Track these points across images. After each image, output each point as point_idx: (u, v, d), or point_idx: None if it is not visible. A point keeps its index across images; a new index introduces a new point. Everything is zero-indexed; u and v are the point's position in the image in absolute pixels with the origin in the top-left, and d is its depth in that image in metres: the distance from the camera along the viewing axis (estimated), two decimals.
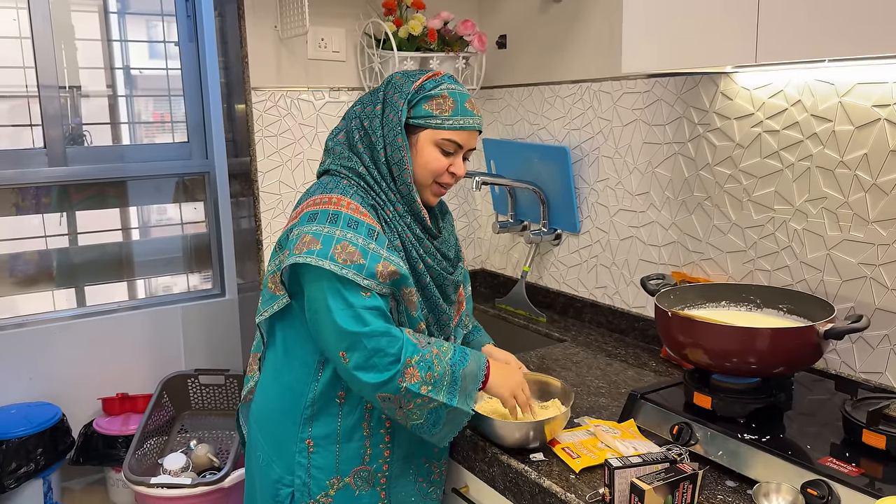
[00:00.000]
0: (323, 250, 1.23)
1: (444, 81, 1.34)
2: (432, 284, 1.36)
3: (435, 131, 1.32)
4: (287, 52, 2.11)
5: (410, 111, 1.32)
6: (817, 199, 1.52)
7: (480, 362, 1.32)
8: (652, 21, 1.42)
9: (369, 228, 1.26)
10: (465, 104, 1.33)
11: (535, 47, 2.21)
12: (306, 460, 1.35)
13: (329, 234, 1.24)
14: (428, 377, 1.24)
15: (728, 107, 1.67)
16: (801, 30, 1.18)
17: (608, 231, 2.03)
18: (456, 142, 1.33)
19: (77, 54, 3.06)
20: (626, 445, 1.31)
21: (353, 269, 1.22)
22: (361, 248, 1.23)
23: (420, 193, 1.36)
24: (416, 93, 1.32)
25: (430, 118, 1.31)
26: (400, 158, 1.31)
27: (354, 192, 1.30)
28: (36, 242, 2.98)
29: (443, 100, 1.32)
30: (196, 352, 3.12)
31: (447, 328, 1.42)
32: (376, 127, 1.32)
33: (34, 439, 2.58)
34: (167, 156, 3.14)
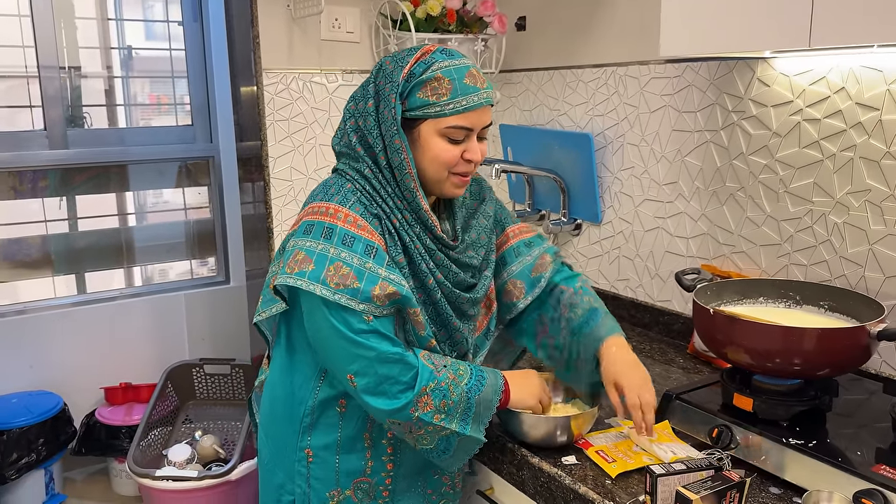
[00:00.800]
0: (315, 272, 1.12)
1: (434, 60, 1.16)
2: (444, 301, 1.24)
3: (436, 120, 1.16)
4: (300, 32, 2.03)
5: (405, 103, 1.16)
6: (860, 192, 1.45)
7: (497, 385, 1.23)
8: (695, 1, 1.35)
9: (367, 245, 1.14)
10: (463, 80, 1.15)
11: (557, 30, 2.13)
12: (305, 470, 1.28)
13: (323, 252, 1.14)
14: (442, 405, 1.16)
15: (765, 93, 1.60)
16: (861, 12, 1.10)
17: (632, 222, 1.96)
18: (463, 126, 1.16)
19: (77, 34, 2.97)
20: (663, 449, 1.25)
21: (346, 293, 1.12)
22: (357, 268, 1.12)
23: (440, 189, 1.22)
24: (406, 82, 1.16)
25: (428, 107, 1.15)
26: (400, 161, 1.17)
27: (357, 200, 1.18)
28: (35, 227, 2.91)
29: (437, 82, 1.14)
30: (200, 340, 3.05)
31: (462, 346, 1.30)
32: (371, 126, 1.18)
33: (35, 429, 2.52)
34: (170, 139, 3.06)
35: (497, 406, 1.23)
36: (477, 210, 1.34)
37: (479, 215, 1.33)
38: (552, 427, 1.28)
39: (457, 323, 1.27)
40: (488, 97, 1.18)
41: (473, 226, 1.31)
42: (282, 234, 2.11)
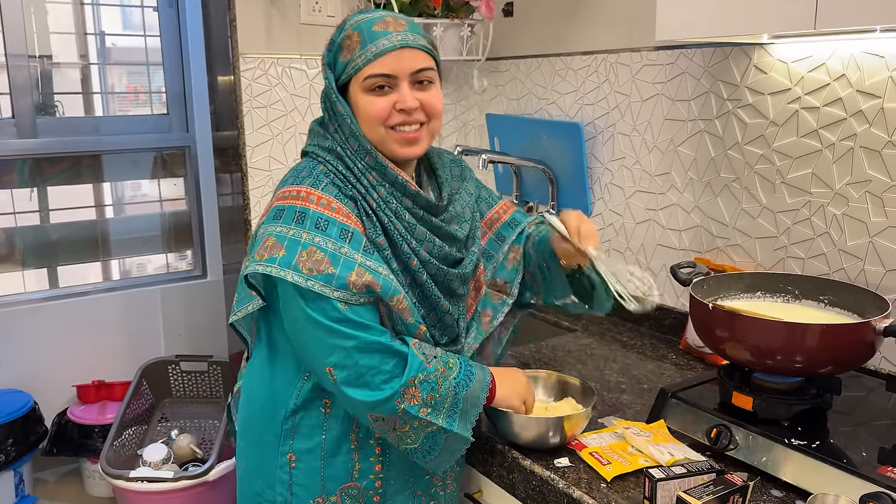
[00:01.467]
0: (286, 258, 1.07)
1: (347, 21, 1.16)
2: (430, 282, 1.18)
3: (356, 77, 1.12)
4: (278, 15, 1.95)
5: (335, 72, 1.15)
6: (861, 182, 1.41)
7: (485, 381, 1.18)
8: None
9: (342, 228, 1.09)
10: (372, 28, 1.11)
11: (545, 16, 2.07)
12: (288, 476, 1.20)
13: (294, 236, 1.08)
14: (429, 399, 1.10)
15: (761, 81, 1.55)
16: None
17: (623, 214, 1.91)
18: (380, 73, 1.11)
19: (48, 20, 2.86)
20: (660, 450, 1.20)
21: (319, 279, 1.06)
22: (331, 253, 1.07)
23: (388, 152, 1.16)
24: (328, 52, 1.17)
25: (347, 66, 1.13)
26: (349, 128, 1.14)
27: (330, 182, 1.13)
28: (4, 219, 2.80)
29: (349, 39, 1.12)
30: (176, 336, 2.97)
31: (452, 329, 1.24)
32: (327, 106, 1.18)
33: (4, 429, 2.44)
34: (145, 128, 2.97)
35: (486, 401, 1.18)
36: (460, 187, 1.29)
37: (462, 191, 1.29)
38: (544, 428, 1.22)
39: (446, 305, 1.21)
40: (404, 40, 1.12)
41: (457, 199, 1.26)
42: None
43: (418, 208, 1.17)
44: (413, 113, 1.14)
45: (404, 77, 1.13)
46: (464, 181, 1.30)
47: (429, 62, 1.15)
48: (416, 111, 1.14)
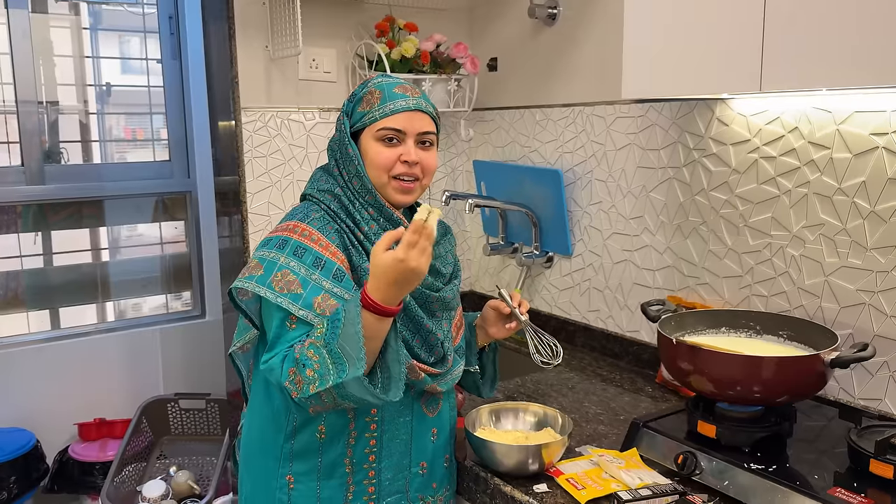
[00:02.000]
0: (263, 276, 1.22)
1: (372, 80, 1.33)
2: (413, 303, 1.29)
3: (371, 127, 1.29)
4: (278, 72, 2.08)
5: (351, 120, 1.32)
6: (815, 226, 1.53)
7: (353, 316, 1.12)
8: (653, 47, 1.43)
9: (316, 257, 1.23)
10: (393, 90, 1.30)
11: (527, 70, 2.21)
12: (287, 497, 1.30)
13: (273, 259, 1.23)
14: (310, 374, 1.13)
15: (724, 132, 1.68)
16: (807, 58, 1.18)
17: (601, 254, 2.02)
18: (393, 128, 1.28)
19: (55, 70, 3.00)
20: (630, 476, 1.29)
21: (288, 297, 1.20)
22: (302, 278, 1.21)
23: (385, 196, 1.31)
24: (349, 102, 1.34)
25: (364, 116, 1.30)
26: (355, 169, 1.30)
27: (319, 217, 1.28)
28: (9, 263, 2.90)
29: (371, 95, 1.31)
30: (175, 375, 3.04)
31: (437, 349, 1.33)
32: (336, 150, 1.33)
33: (7, 467, 2.49)
34: (147, 174, 3.08)
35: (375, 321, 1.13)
36: (443, 237, 1.44)
37: (445, 241, 1.44)
38: (524, 455, 1.31)
39: (429, 325, 1.31)
40: (417, 103, 1.30)
41: (442, 244, 1.41)
42: None
43: None
44: (413, 167, 1.30)
45: (412, 135, 1.30)
46: (445, 236, 1.45)
47: (433, 127, 1.34)
48: (416, 166, 1.30)
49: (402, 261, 1.10)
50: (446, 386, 1.35)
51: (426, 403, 1.35)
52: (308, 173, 2.17)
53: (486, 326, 1.48)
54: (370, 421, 1.28)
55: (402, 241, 1.11)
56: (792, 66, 1.20)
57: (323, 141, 2.19)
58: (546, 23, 2.10)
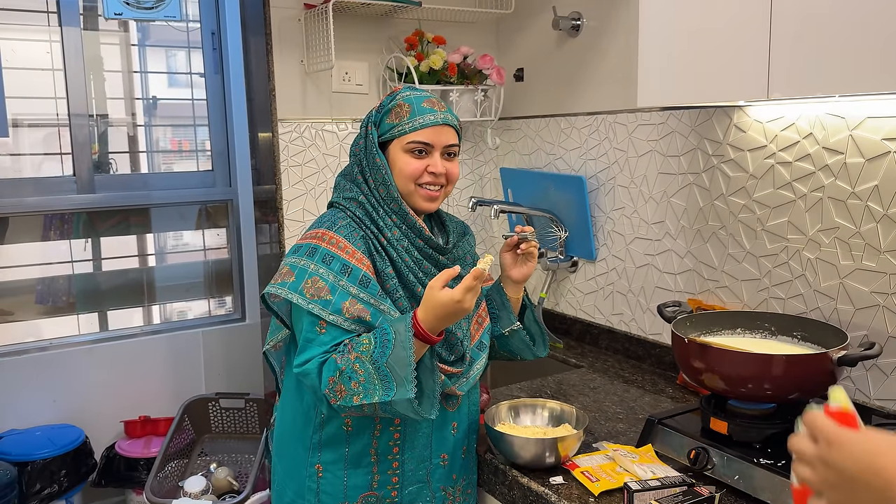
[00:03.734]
0: (294, 283, 1.29)
1: (400, 92, 1.40)
2: None
3: (400, 138, 1.36)
4: (312, 85, 2.19)
5: (378, 130, 1.38)
6: (830, 229, 1.56)
7: (405, 335, 1.22)
8: (667, 57, 1.48)
9: (343, 264, 1.30)
10: (422, 104, 1.37)
11: (552, 80, 2.28)
12: (315, 485, 1.38)
13: (304, 266, 1.30)
14: (354, 386, 1.22)
15: (741, 139, 1.72)
16: (812, 66, 1.23)
17: (624, 259, 2.07)
18: (422, 141, 1.35)
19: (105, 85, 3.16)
20: (644, 470, 1.34)
21: (319, 303, 1.27)
22: (331, 284, 1.28)
23: (411, 203, 1.39)
24: (377, 112, 1.40)
25: (393, 128, 1.36)
26: (383, 178, 1.36)
27: (346, 225, 1.35)
28: (62, 268, 3.05)
29: (399, 108, 1.37)
30: (216, 376, 3.16)
31: (457, 348, 1.40)
32: (362, 158, 1.39)
33: (58, 461, 2.61)
34: (191, 183, 3.22)
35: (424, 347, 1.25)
36: (462, 240, 1.52)
37: (464, 243, 1.51)
38: (541, 448, 1.37)
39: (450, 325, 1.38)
40: (444, 118, 1.37)
41: (460, 246, 1.49)
42: None
43: (428, 248, 1.39)
44: (440, 177, 1.38)
45: (439, 148, 1.38)
46: (465, 236, 1.52)
47: (457, 139, 1.42)
48: (441, 176, 1.38)
49: (459, 302, 1.22)
50: (465, 388, 1.41)
51: (446, 400, 1.42)
52: None
53: (508, 272, 1.51)
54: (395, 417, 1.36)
55: (462, 284, 1.22)
56: (797, 74, 1.25)
57: None
58: (570, 34, 2.16)
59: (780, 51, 1.27)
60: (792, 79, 1.26)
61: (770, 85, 1.29)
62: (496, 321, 1.54)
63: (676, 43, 1.46)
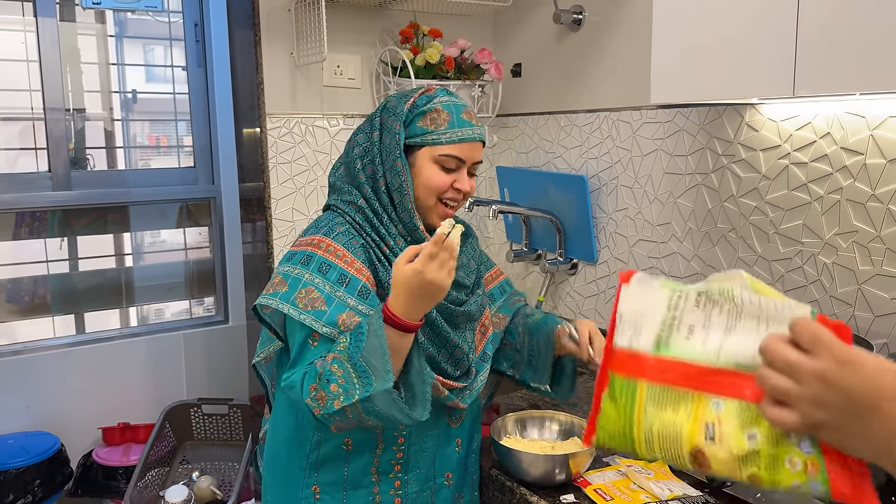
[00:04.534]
0: (287, 293, 1.19)
1: (437, 95, 1.28)
2: (439, 318, 1.27)
3: (432, 147, 1.25)
4: (302, 78, 2.09)
5: (406, 131, 1.26)
6: (848, 233, 1.50)
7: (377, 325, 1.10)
8: (683, 51, 1.41)
9: (341, 273, 1.20)
10: (461, 115, 1.26)
11: (551, 76, 2.20)
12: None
13: (297, 276, 1.21)
14: (334, 389, 1.11)
15: (753, 138, 1.65)
16: (842, 62, 1.16)
17: (627, 261, 2.00)
18: (456, 156, 1.26)
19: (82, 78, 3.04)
20: (660, 487, 1.27)
21: (311, 314, 1.17)
22: (327, 295, 1.18)
23: (425, 216, 1.29)
24: (409, 112, 1.27)
25: (426, 134, 1.25)
26: (400, 184, 1.25)
27: (345, 231, 1.25)
28: (36, 268, 2.93)
29: (437, 114, 1.25)
30: (198, 380, 3.06)
31: (463, 362, 1.32)
32: (375, 154, 1.27)
33: (32, 470, 2.51)
34: (172, 181, 3.11)
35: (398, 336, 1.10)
36: (465, 244, 1.41)
37: (468, 247, 1.41)
38: (551, 465, 1.30)
39: (455, 339, 1.30)
40: (480, 134, 1.28)
41: (464, 252, 1.38)
42: None
43: None
44: (462, 194, 1.29)
45: (468, 164, 1.29)
46: (468, 238, 1.42)
47: (481, 156, 1.32)
48: (463, 194, 1.30)
49: (420, 273, 1.07)
50: (468, 401, 1.33)
51: (450, 415, 1.34)
52: None
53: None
54: (398, 435, 1.27)
55: (421, 253, 1.09)
56: (826, 70, 1.18)
57: None
58: (571, 28, 2.09)
59: (807, 45, 1.20)
60: (820, 75, 1.19)
61: (796, 81, 1.22)
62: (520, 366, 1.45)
63: (694, 37, 1.39)
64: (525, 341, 1.46)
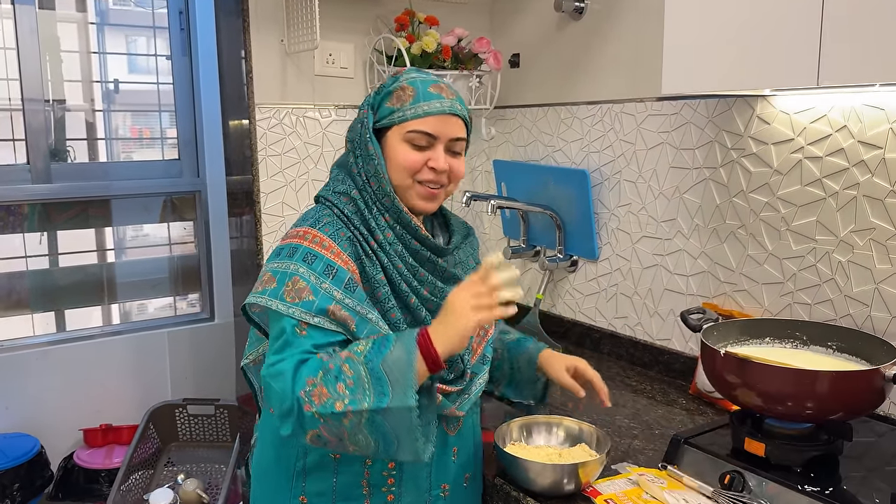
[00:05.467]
0: (276, 289, 1.12)
1: (404, 74, 1.22)
2: (430, 318, 1.19)
3: (400, 126, 1.19)
4: (293, 67, 2.01)
5: (375, 115, 1.21)
6: (865, 230, 1.44)
7: (409, 342, 1.06)
8: (698, 39, 1.34)
9: (327, 264, 1.13)
10: (428, 89, 1.19)
11: (551, 66, 2.13)
12: None
13: (283, 269, 1.13)
14: (340, 389, 1.03)
15: (765, 131, 1.59)
16: (868, 50, 1.10)
17: (630, 259, 1.94)
18: (425, 131, 1.18)
19: (62, 67, 2.93)
20: (675, 497, 1.21)
21: (300, 307, 1.10)
22: (313, 286, 1.11)
23: (406, 200, 1.21)
24: (376, 94, 1.22)
25: (392, 113, 1.19)
26: (374, 169, 1.19)
27: (331, 223, 1.17)
28: (14, 263, 2.83)
29: (402, 91, 1.19)
30: (183, 380, 2.97)
31: (457, 365, 1.25)
32: (356, 144, 1.22)
33: (10, 474, 2.42)
34: (156, 173, 3.01)
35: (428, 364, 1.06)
36: (466, 242, 1.37)
37: (467, 245, 1.36)
38: (559, 475, 1.23)
39: None
40: (452, 107, 1.20)
41: (463, 248, 1.34)
42: None
43: (425, 250, 1.22)
44: (441, 174, 1.20)
45: (443, 140, 1.20)
46: (468, 237, 1.37)
47: (464, 133, 1.23)
48: (443, 174, 1.21)
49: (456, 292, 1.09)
50: (465, 407, 1.26)
51: (447, 423, 1.26)
52: (324, 172, 2.10)
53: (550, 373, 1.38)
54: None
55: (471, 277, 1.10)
56: (854, 58, 1.11)
57: (338, 139, 2.11)
58: (573, 16, 2.02)
59: (833, 31, 1.13)
60: (847, 63, 1.12)
61: (821, 71, 1.15)
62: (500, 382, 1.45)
63: (709, 24, 1.32)
64: (505, 357, 1.44)
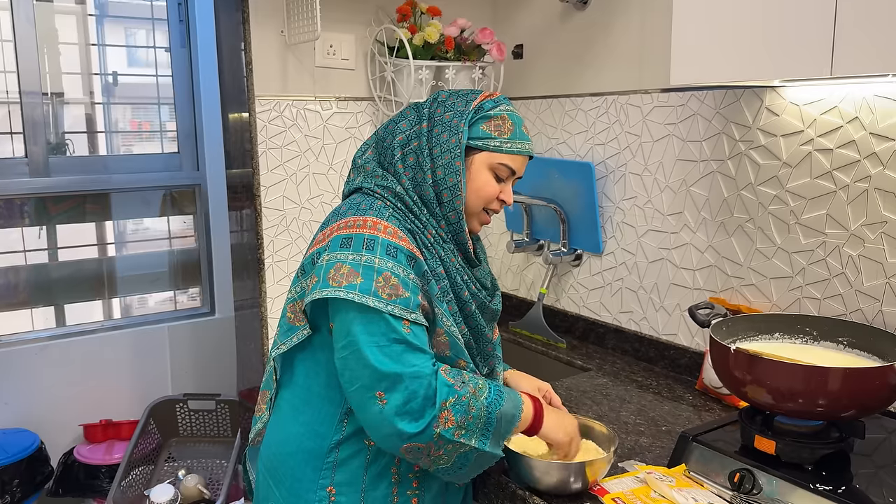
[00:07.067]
0: (365, 284, 1.10)
1: (502, 102, 1.26)
2: (477, 312, 1.27)
3: (492, 154, 1.23)
4: (294, 58, 1.98)
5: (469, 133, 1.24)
6: (876, 224, 1.41)
7: (516, 401, 1.19)
8: (708, 30, 1.31)
9: (408, 255, 1.15)
10: (521, 127, 1.27)
11: (555, 58, 2.10)
12: None
13: (368, 263, 1.12)
14: (462, 421, 1.11)
15: (774, 123, 1.56)
16: (884, 40, 1.07)
17: (635, 252, 1.91)
18: (510, 167, 1.25)
19: (60, 59, 2.90)
20: (684, 496, 1.18)
21: (398, 304, 1.11)
22: (403, 279, 1.13)
23: (469, 222, 1.28)
24: (474, 112, 1.24)
25: (489, 140, 1.23)
26: (455, 183, 1.21)
27: (391, 215, 1.19)
28: (13, 258, 2.81)
29: (502, 121, 1.24)
30: (184, 375, 2.95)
31: (492, 359, 1.32)
32: (423, 146, 1.22)
33: (10, 469, 2.41)
34: (155, 167, 2.99)
35: (524, 428, 1.20)
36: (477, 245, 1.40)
37: (480, 250, 1.40)
38: (566, 473, 1.21)
39: (489, 334, 1.30)
40: (531, 150, 1.29)
41: (483, 260, 1.38)
42: (274, 265, 2.04)
43: (462, 258, 1.27)
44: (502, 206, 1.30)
45: (514, 176, 1.29)
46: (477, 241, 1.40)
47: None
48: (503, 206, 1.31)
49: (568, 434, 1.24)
50: None
51: None
52: (325, 165, 2.07)
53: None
54: None
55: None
56: (870, 48, 1.09)
57: (340, 131, 2.08)
58: (577, 7, 1.99)
59: (847, 21, 1.11)
60: (862, 53, 1.10)
61: (835, 61, 1.12)
62: None
63: (720, 13, 1.29)
64: None
